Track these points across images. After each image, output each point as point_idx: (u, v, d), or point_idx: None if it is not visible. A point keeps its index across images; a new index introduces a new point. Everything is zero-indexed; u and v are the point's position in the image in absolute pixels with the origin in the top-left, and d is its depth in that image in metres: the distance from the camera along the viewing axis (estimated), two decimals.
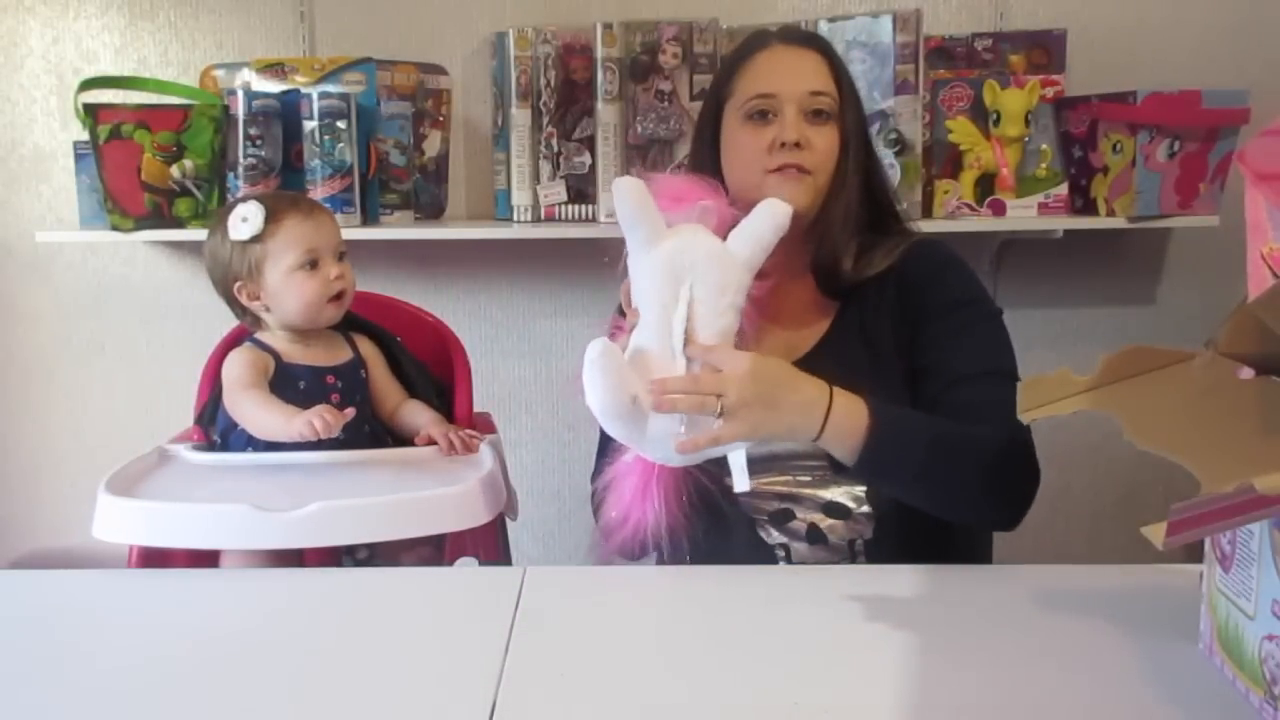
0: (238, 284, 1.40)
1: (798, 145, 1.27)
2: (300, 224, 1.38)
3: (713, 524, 1.23)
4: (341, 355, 1.45)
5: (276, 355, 1.40)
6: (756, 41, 1.35)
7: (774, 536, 1.27)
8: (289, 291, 1.38)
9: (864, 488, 1.25)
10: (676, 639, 0.98)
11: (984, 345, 1.28)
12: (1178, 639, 0.91)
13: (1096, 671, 0.87)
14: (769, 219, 1.11)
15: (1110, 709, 0.82)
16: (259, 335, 1.43)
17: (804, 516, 1.26)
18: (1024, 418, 0.98)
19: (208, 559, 1.28)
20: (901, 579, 1.08)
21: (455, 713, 0.83)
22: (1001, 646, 0.92)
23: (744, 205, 1.17)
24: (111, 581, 1.15)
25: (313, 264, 1.38)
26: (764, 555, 1.27)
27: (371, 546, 1.31)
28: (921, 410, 1.22)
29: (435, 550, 1.32)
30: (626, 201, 1.09)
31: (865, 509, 1.25)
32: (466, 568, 1.30)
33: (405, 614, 1.04)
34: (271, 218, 1.37)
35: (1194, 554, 0.91)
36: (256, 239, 1.37)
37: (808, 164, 1.27)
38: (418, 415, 1.46)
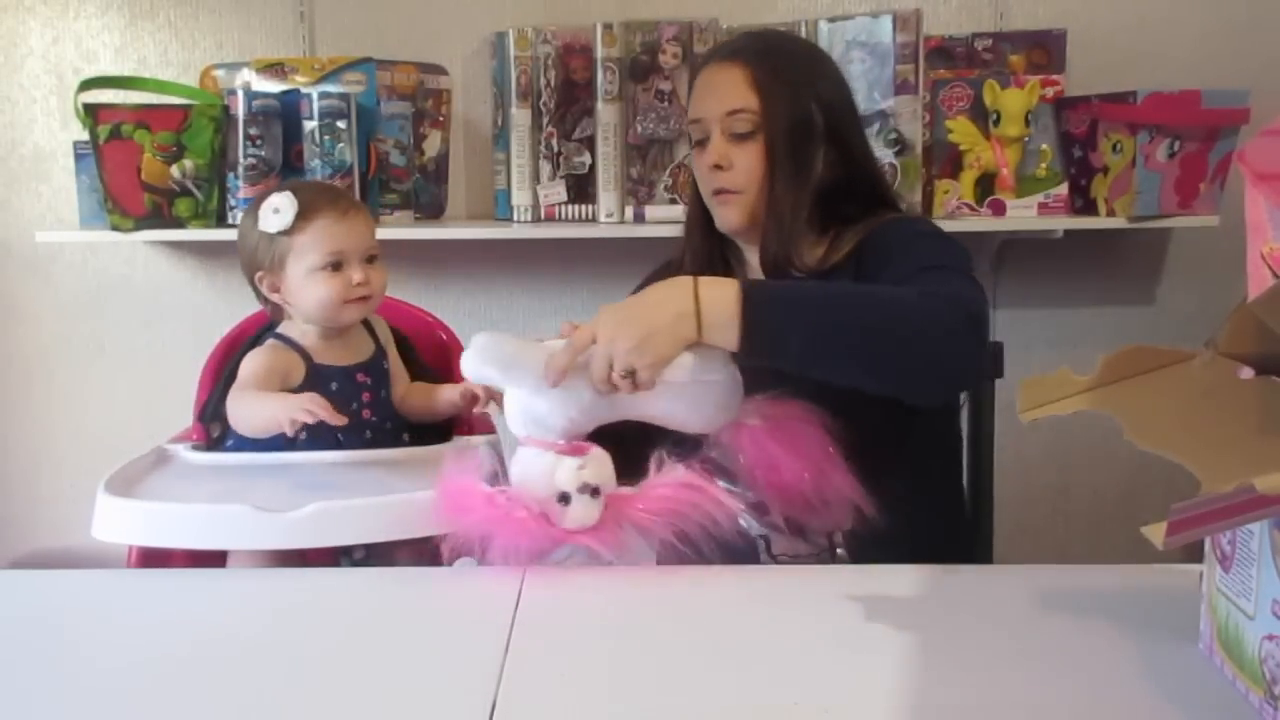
0: (259, 274, 1.38)
1: (719, 167, 1.32)
2: (331, 224, 1.34)
3: None
4: (366, 348, 1.44)
5: (308, 355, 1.38)
6: (702, 60, 1.40)
7: (754, 528, 1.27)
8: (308, 291, 1.35)
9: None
10: (676, 639, 0.97)
11: (934, 249, 1.28)
12: (1178, 639, 0.91)
13: (1096, 671, 0.87)
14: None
15: (1110, 709, 0.82)
16: (287, 331, 1.40)
17: None
18: (1024, 418, 0.98)
19: (208, 559, 1.27)
20: (901, 579, 1.08)
21: (455, 713, 0.83)
22: (1001, 646, 0.92)
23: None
24: (111, 581, 1.15)
25: (336, 266, 1.35)
26: (745, 545, 1.25)
27: (369, 546, 1.31)
28: None
29: (435, 550, 1.32)
30: (492, 356, 1.10)
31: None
32: (466, 568, 1.30)
33: (405, 614, 1.04)
34: (302, 213, 1.34)
35: (1194, 554, 0.91)
36: (284, 233, 1.34)
37: (732, 184, 1.32)
38: (431, 393, 1.46)
